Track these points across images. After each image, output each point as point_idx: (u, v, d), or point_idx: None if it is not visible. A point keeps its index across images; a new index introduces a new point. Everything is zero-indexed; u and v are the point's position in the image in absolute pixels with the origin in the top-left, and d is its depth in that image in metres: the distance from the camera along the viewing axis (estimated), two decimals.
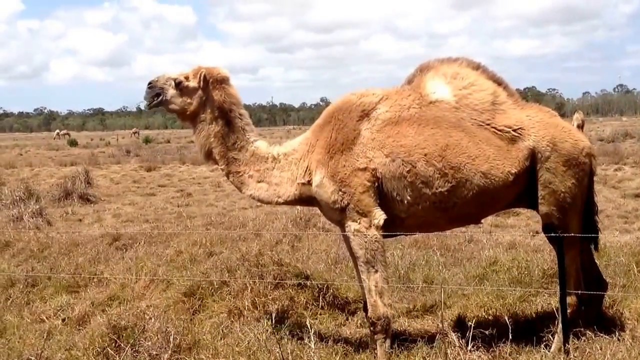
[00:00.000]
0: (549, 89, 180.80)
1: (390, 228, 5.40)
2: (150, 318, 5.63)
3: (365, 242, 5.27)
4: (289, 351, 5.22)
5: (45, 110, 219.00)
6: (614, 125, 56.92)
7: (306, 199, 5.63)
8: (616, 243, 8.59)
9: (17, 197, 14.38)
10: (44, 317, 6.88)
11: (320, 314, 6.48)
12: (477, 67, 5.58)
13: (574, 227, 5.33)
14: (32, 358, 5.46)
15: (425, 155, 5.20)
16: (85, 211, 15.17)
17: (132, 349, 5.30)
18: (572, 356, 5.02)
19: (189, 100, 5.68)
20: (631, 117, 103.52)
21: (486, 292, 6.67)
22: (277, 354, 5.12)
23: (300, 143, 5.71)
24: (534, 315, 6.21)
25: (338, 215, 5.40)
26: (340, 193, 5.28)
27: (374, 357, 5.40)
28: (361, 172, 5.25)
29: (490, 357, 5.20)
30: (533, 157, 5.25)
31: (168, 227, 11.97)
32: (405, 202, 5.26)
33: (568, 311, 5.17)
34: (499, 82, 5.57)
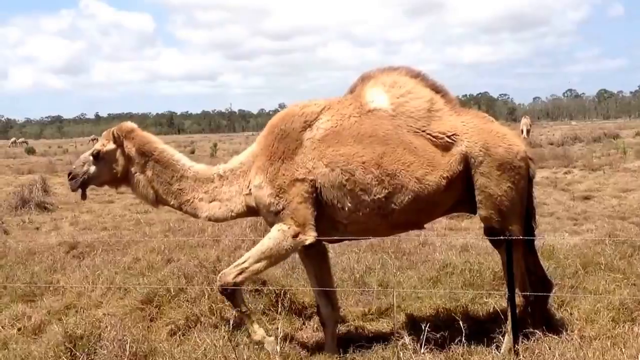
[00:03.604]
0: (500, 95, 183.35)
1: (334, 234, 5.52)
2: (107, 326, 5.63)
3: (279, 242, 5.37)
4: (245, 357, 5.28)
5: (3, 119, 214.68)
6: (564, 130, 57.83)
7: (253, 209, 5.69)
8: (565, 245, 8.78)
9: None
10: (0, 327, 6.82)
11: (278, 319, 6.52)
12: (416, 75, 5.69)
13: (515, 230, 5.43)
14: None
15: (363, 163, 5.30)
16: (43, 219, 14.96)
17: (87, 358, 5.31)
18: (521, 356, 5.14)
19: (115, 163, 5.84)
20: (580, 122, 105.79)
21: (440, 295, 6.82)
22: None
23: (247, 156, 5.80)
24: (485, 317, 6.35)
25: (272, 218, 5.48)
26: (277, 198, 5.38)
27: None
28: (299, 182, 5.35)
29: (443, 358, 5.30)
30: (466, 162, 5.36)
31: (126, 234, 11.90)
32: (346, 209, 5.35)
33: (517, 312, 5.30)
34: (437, 89, 5.67)
